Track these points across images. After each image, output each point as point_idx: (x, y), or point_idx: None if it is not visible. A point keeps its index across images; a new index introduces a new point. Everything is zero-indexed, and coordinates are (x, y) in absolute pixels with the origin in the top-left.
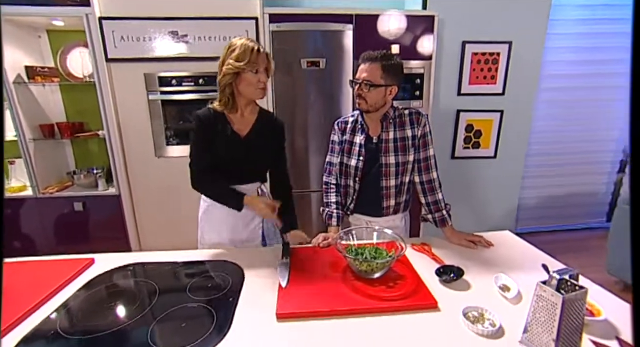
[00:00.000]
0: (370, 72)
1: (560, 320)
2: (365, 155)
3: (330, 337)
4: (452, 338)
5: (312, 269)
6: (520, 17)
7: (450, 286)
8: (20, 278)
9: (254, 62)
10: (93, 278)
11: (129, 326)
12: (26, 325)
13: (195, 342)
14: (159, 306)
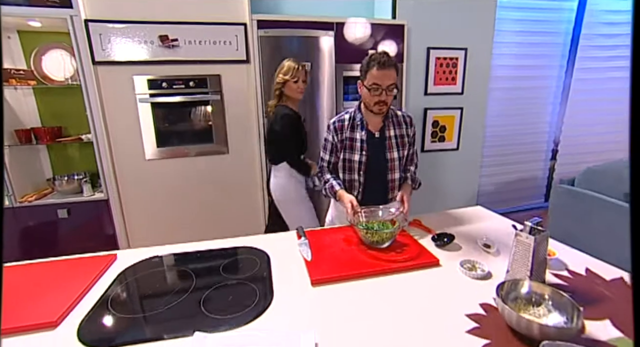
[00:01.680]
0: (392, 76)
1: (533, 257)
2: (368, 150)
3: (358, 295)
4: (454, 284)
5: (329, 246)
6: (473, 27)
7: (445, 249)
8: (50, 276)
9: (295, 76)
10: (124, 269)
11: (180, 304)
12: (77, 313)
13: (249, 308)
14: (201, 286)
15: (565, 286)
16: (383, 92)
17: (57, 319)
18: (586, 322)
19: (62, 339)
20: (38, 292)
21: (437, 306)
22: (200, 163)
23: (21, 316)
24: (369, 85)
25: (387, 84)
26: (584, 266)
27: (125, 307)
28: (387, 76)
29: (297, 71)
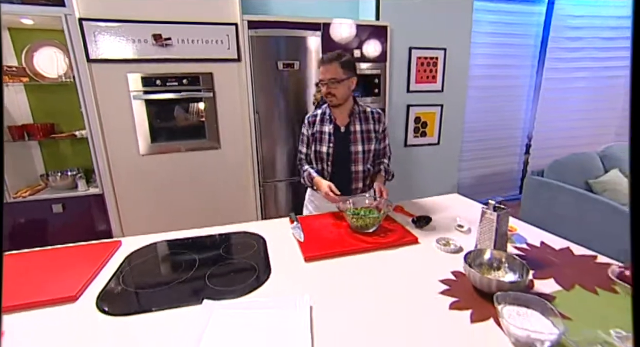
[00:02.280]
0: (333, 70)
1: (497, 230)
2: (335, 142)
3: (346, 269)
4: (431, 257)
5: (319, 229)
6: (451, 29)
7: (423, 229)
8: (62, 260)
9: None
10: (131, 253)
11: (186, 280)
12: (93, 289)
13: (250, 280)
14: (204, 265)
15: (523, 255)
16: (326, 85)
17: (76, 293)
18: (535, 281)
19: (82, 310)
20: (54, 273)
21: (415, 275)
22: (193, 158)
23: (43, 292)
24: (318, 81)
25: (327, 78)
26: (540, 239)
27: (137, 282)
28: (328, 70)
29: None
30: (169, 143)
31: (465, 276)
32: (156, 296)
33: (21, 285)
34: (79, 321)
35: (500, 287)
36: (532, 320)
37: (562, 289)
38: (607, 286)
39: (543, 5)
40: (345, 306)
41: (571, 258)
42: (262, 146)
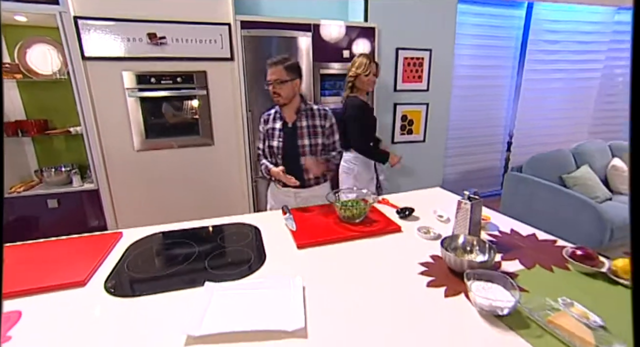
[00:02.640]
0: (277, 73)
1: (471, 218)
2: (284, 137)
3: (335, 254)
4: (412, 244)
5: (310, 219)
6: (436, 31)
7: (406, 219)
8: (67, 250)
9: (367, 70)
10: (133, 242)
11: (188, 265)
12: (100, 274)
13: (247, 265)
14: (203, 253)
15: (494, 241)
16: (272, 85)
17: (84, 279)
18: (503, 262)
19: (92, 293)
20: (62, 262)
21: (398, 259)
22: (187, 154)
23: (53, 278)
24: (266, 80)
25: (273, 79)
26: (510, 227)
27: (141, 268)
28: (274, 73)
29: (369, 66)
30: (164, 139)
31: (442, 259)
32: (160, 280)
33: (33, 272)
34: (89, 302)
35: (471, 266)
36: (496, 292)
37: (524, 268)
38: (562, 265)
39: (523, 10)
40: (335, 287)
41: (535, 243)
42: (254, 143)
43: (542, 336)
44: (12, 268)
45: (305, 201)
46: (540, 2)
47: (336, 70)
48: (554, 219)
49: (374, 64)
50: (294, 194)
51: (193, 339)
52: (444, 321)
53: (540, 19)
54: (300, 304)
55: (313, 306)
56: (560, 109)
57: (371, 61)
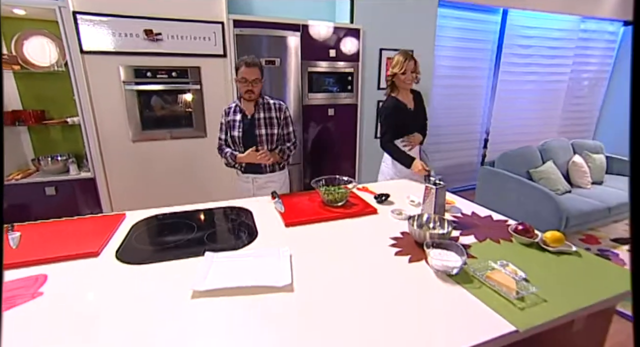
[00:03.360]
0: (256, 73)
1: (436, 200)
2: (243, 127)
3: (318, 232)
4: (386, 223)
5: (297, 203)
6: (417, 32)
7: (383, 204)
8: (77, 228)
9: (403, 68)
10: (137, 222)
11: (189, 240)
12: (111, 247)
13: (242, 239)
14: (201, 230)
15: (456, 221)
16: (250, 83)
17: (97, 250)
18: (461, 237)
19: (105, 261)
20: (75, 237)
21: (372, 235)
22: (181, 145)
23: (70, 249)
24: (240, 78)
25: (252, 78)
26: (471, 210)
27: (147, 242)
28: (253, 73)
29: (404, 63)
30: (159, 131)
31: (409, 234)
32: (165, 251)
33: (53, 244)
34: (104, 268)
35: (432, 237)
36: (449, 257)
37: (477, 241)
38: (507, 238)
39: (499, 16)
40: (318, 256)
41: (490, 222)
42: None
43: (481, 287)
44: (36, 241)
45: (263, 186)
46: (514, 9)
47: (323, 69)
48: (520, 208)
49: (411, 62)
50: (252, 180)
51: (198, 293)
52: (407, 280)
53: (514, 25)
54: (287, 266)
55: (299, 270)
56: (531, 109)
57: (407, 59)
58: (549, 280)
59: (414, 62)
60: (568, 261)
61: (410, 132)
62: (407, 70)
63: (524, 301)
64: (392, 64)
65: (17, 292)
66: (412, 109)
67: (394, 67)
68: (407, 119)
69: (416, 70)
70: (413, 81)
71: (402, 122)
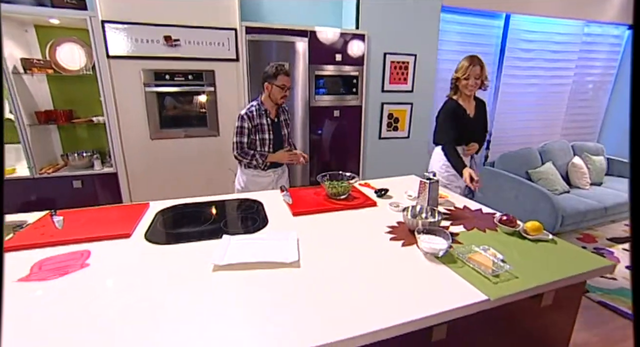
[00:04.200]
0: (290, 81)
1: (429, 194)
2: (273, 130)
3: (323, 221)
4: (384, 214)
5: (304, 196)
6: (421, 37)
7: (382, 198)
8: (108, 214)
9: (466, 73)
10: (161, 210)
11: (208, 225)
12: (140, 230)
13: (254, 225)
14: (218, 217)
15: (448, 213)
16: (287, 90)
17: (129, 232)
18: (451, 226)
19: (136, 242)
20: (108, 221)
21: (371, 224)
22: (196, 143)
23: (105, 231)
24: (280, 84)
25: (289, 86)
26: (463, 204)
27: (171, 226)
28: (288, 80)
29: (468, 69)
30: (175, 130)
31: (404, 223)
32: (188, 234)
33: (89, 227)
34: (135, 248)
35: (423, 225)
36: (437, 241)
37: (465, 230)
38: (493, 228)
39: (501, 20)
40: (322, 241)
41: (480, 215)
42: None
43: (463, 267)
44: (76, 224)
45: (281, 177)
46: (516, 14)
47: (329, 72)
48: (518, 207)
49: (476, 67)
50: (273, 173)
51: (218, 267)
52: (400, 260)
53: (516, 29)
54: (295, 247)
55: (305, 251)
56: (534, 111)
57: (473, 64)
58: (524, 261)
59: (480, 68)
60: (544, 246)
61: (466, 140)
62: (471, 76)
63: (498, 278)
64: (456, 68)
65: (69, 263)
66: (471, 116)
67: (458, 71)
68: (465, 126)
69: (482, 77)
70: (477, 88)
71: (459, 128)
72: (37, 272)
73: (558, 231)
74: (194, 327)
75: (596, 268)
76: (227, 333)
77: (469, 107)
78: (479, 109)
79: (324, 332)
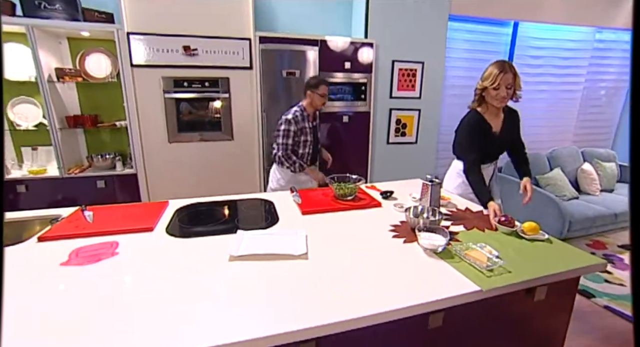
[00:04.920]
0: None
1: (431, 195)
2: (313, 132)
3: (330, 219)
4: (388, 214)
5: (313, 197)
6: (428, 45)
7: (387, 199)
8: (133, 210)
9: (495, 82)
10: (179, 208)
11: (222, 223)
12: (161, 225)
13: (266, 223)
14: (233, 214)
15: (449, 214)
16: (326, 98)
17: (152, 226)
18: (451, 226)
19: (158, 235)
20: (132, 217)
21: (375, 223)
22: (211, 147)
23: (131, 225)
24: (321, 93)
25: (327, 94)
26: (465, 206)
27: (189, 222)
28: (327, 90)
29: (498, 77)
30: (192, 134)
31: (407, 222)
32: (205, 229)
33: (115, 221)
34: (158, 240)
35: (424, 223)
36: (436, 238)
37: (465, 230)
38: (492, 228)
39: (510, 28)
40: (329, 237)
41: (480, 216)
42: (267, 139)
43: (460, 262)
44: (104, 219)
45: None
46: (525, 22)
47: (339, 79)
48: (525, 212)
49: (508, 74)
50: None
51: (233, 257)
52: (401, 256)
53: (525, 37)
54: (303, 241)
55: (313, 246)
56: (544, 118)
57: (504, 71)
58: (518, 258)
59: (514, 75)
60: (539, 245)
61: (491, 158)
62: (502, 85)
63: (492, 272)
64: (482, 76)
65: (101, 251)
66: (496, 133)
67: (485, 79)
68: (487, 145)
69: (515, 86)
70: (508, 99)
71: (481, 147)
72: (75, 258)
73: (566, 237)
74: (212, 310)
75: (587, 265)
76: (241, 315)
77: (495, 121)
78: (508, 122)
79: (328, 315)
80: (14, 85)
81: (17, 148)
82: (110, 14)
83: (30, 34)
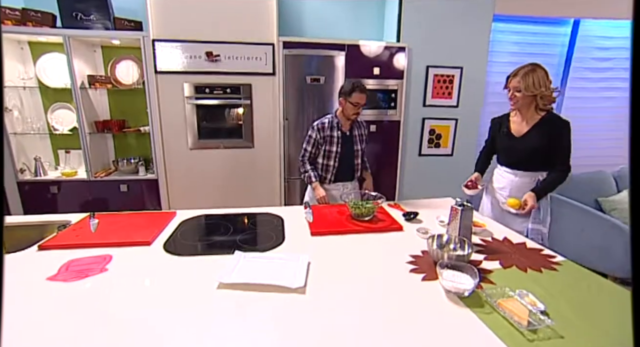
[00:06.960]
0: (365, 98)
1: (460, 221)
2: (342, 143)
3: (342, 243)
4: (409, 241)
5: (327, 215)
6: (468, 49)
7: (411, 222)
8: (136, 220)
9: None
10: (184, 220)
11: (224, 240)
12: (160, 239)
13: (269, 243)
14: (236, 231)
15: (484, 245)
16: (360, 107)
17: (150, 240)
18: (484, 261)
19: (155, 250)
20: (134, 227)
21: (393, 251)
22: (231, 154)
23: (129, 237)
24: (353, 102)
25: (362, 103)
26: (503, 236)
27: (190, 238)
28: (362, 98)
29: (509, 80)
30: (213, 140)
31: (429, 253)
32: (203, 246)
33: (116, 232)
34: (153, 257)
35: (449, 258)
36: (462, 279)
37: (501, 268)
38: (537, 268)
39: (568, 27)
40: (336, 266)
41: (522, 250)
42: (289, 148)
43: (491, 313)
44: (106, 228)
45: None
46: (587, 19)
47: (367, 86)
48: (584, 242)
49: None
50: (342, 186)
51: (223, 285)
52: (417, 297)
53: (588, 36)
54: (303, 272)
55: (314, 276)
56: (609, 129)
57: (513, 74)
58: (574, 317)
59: (532, 78)
60: (604, 298)
61: (506, 163)
62: (511, 88)
63: (535, 334)
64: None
65: (91, 266)
66: (517, 137)
67: (538, 88)
68: (501, 146)
69: (528, 89)
70: (517, 103)
71: (493, 147)
72: (64, 272)
73: None
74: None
75: None
76: None
77: (519, 125)
78: (539, 130)
79: None
80: (55, 92)
81: (55, 151)
82: (139, 22)
83: (67, 43)
